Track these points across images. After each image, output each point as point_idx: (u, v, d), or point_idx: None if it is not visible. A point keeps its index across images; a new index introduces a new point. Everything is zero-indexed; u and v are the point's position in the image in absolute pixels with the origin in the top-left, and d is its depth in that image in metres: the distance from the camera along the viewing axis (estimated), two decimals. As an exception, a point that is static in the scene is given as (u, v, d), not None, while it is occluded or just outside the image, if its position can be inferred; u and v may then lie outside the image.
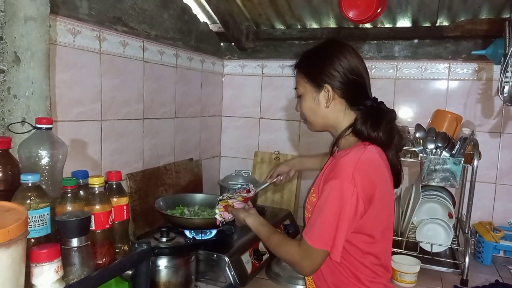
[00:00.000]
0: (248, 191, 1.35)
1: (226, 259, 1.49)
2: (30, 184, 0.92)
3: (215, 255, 1.50)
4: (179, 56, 2.05)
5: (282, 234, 1.15)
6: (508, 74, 1.62)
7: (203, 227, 1.60)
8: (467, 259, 1.69)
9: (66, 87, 1.41)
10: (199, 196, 1.89)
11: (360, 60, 1.12)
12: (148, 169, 1.85)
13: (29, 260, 0.82)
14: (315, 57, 1.14)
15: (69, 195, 1.00)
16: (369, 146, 1.07)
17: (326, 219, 1.00)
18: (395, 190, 1.91)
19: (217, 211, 1.33)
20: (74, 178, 1.04)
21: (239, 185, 1.41)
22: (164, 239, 1.38)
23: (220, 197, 1.37)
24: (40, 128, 1.05)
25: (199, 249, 1.50)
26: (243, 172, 2.26)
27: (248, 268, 1.57)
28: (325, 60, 1.10)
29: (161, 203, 1.68)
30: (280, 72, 2.43)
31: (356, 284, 1.07)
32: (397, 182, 1.16)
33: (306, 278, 1.19)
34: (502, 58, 1.66)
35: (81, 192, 1.05)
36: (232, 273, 1.48)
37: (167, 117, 2.00)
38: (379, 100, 1.15)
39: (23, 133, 1.09)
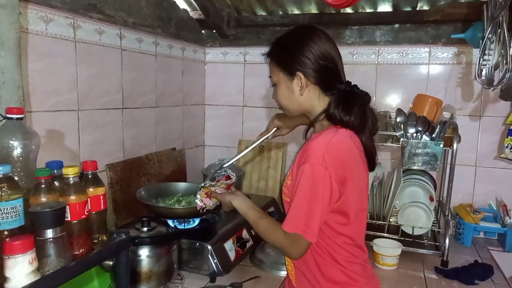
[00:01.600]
0: (228, 178, 1.35)
1: (209, 247, 1.48)
2: (1, 175, 0.90)
3: (197, 244, 1.50)
4: (159, 44, 2.02)
5: (270, 219, 1.14)
6: (486, 57, 1.64)
7: (185, 216, 1.59)
8: (447, 241, 1.72)
9: (40, 76, 1.38)
10: (182, 185, 1.87)
11: (331, 44, 1.11)
12: (129, 159, 1.83)
13: (2, 252, 0.81)
14: (286, 45, 1.13)
15: (43, 186, 0.98)
16: (340, 130, 1.07)
17: (299, 203, 1.01)
18: (377, 174, 1.95)
19: (198, 196, 1.31)
20: (48, 168, 1.02)
21: (218, 172, 1.39)
22: (145, 229, 1.37)
23: (202, 184, 1.36)
24: (11, 118, 1.03)
25: (180, 238, 1.49)
26: (227, 161, 2.24)
27: (232, 255, 1.57)
28: (296, 47, 1.09)
29: (142, 192, 1.67)
30: (262, 59, 2.31)
31: (333, 264, 1.08)
32: (371, 165, 1.16)
33: (286, 259, 1.20)
34: (481, 41, 1.67)
35: (56, 183, 1.03)
36: (215, 261, 1.48)
37: (148, 106, 1.97)
38: (357, 84, 1.15)
39: (-7, 123, 1.06)
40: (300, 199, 1.01)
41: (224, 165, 1.43)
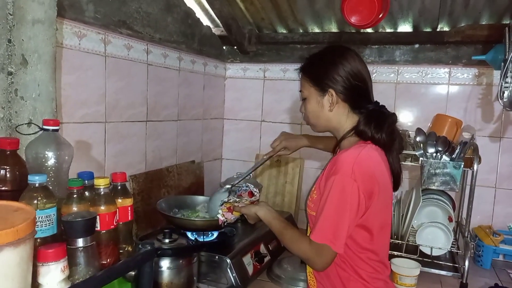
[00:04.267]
0: (251, 194, 1.36)
1: (228, 260, 1.50)
2: (37, 185, 0.94)
3: (217, 257, 1.51)
4: (182, 59, 2.07)
5: (294, 229, 1.15)
6: (508, 80, 1.64)
7: (205, 228, 1.61)
8: (466, 263, 1.70)
9: (71, 89, 1.43)
10: (200, 199, 1.90)
11: (363, 65, 1.16)
12: (150, 170, 1.86)
13: (36, 260, 0.83)
14: (320, 62, 1.17)
15: (75, 195, 1.02)
16: (369, 144, 1.10)
17: (328, 214, 1.03)
18: (395, 193, 1.95)
19: (220, 211, 1.34)
20: (80, 179, 1.05)
21: (240, 187, 1.41)
22: (166, 240, 1.39)
23: (225, 199, 1.38)
24: (47, 130, 1.07)
25: (201, 251, 1.51)
26: (239, 175, 2.26)
27: (250, 269, 1.58)
28: (330, 65, 1.13)
29: (163, 204, 1.69)
30: (282, 75, 2.44)
31: (357, 279, 1.09)
32: (396, 184, 1.18)
33: (308, 273, 1.21)
34: (502, 64, 1.68)
35: (87, 193, 1.07)
36: (233, 274, 1.49)
37: (170, 119, 2.02)
38: (380, 104, 1.18)
39: (30, 134, 1.11)
40: (328, 210, 1.03)
41: (236, 182, 1.48)
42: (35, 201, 0.93)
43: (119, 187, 1.14)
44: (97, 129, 1.56)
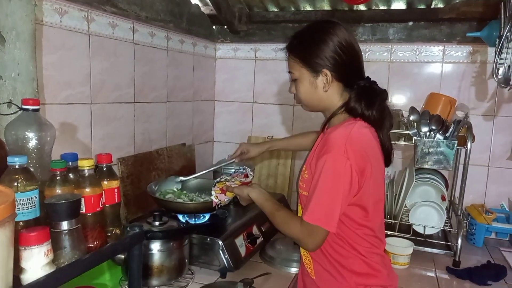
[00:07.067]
0: (246, 176, 1.34)
1: (220, 242, 1.48)
2: (17, 166, 0.90)
3: (208, 239, 1.49)
4: (170, 38, 2.01)
5: (286, 211, 1.14)
6: (503, 56, 1.62)
7: (196, 211, 1.59)
8: (459, 241, 1.70)
9: (54, 69, 1.38)
10: (192, 181, 1.86)
11: (353, 39, 1.11)
12: (140, 153, 1.82)
13: (18, 244, 0.80)
14: (309, 41, 1.11)
15: (58, 178, 0.98)
16: (359, 121, 1.08)
17: (321, 195, 1.01)
18: (388, 173, 1.94)
19: (213, 192, 1.31)
20: (63, 160, 1.01)
21: (237, 168, 1.39)
22: (156, 223, 1.37)
23: (218, 179, 1.35)
24: (27, 110, 1.02)
25: (192, 233, 1.49)
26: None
27: (242, 251, 1.56)
28: (321, 43, 1.08)
29: (153, 187, 1.66)
30: (273, 55, 2.39)
31: (356, 255, 1.09)
32: (387, 161, 1.16)
33: (302, 253, 1.20)
34: (497, 40, 1.65)
35: (71, 175, 1.03)
36: (226, 256, 1.47)
37: (159, 101, 1.97)
38: (375, 81, 1.15)
39: (9, 114, 1.06)
40: (321, 190, 1.01)
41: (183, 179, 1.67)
42: (16, 184, 0.89)
43: (105, 169, 1.09)
44: (82, 110, 1.51)
